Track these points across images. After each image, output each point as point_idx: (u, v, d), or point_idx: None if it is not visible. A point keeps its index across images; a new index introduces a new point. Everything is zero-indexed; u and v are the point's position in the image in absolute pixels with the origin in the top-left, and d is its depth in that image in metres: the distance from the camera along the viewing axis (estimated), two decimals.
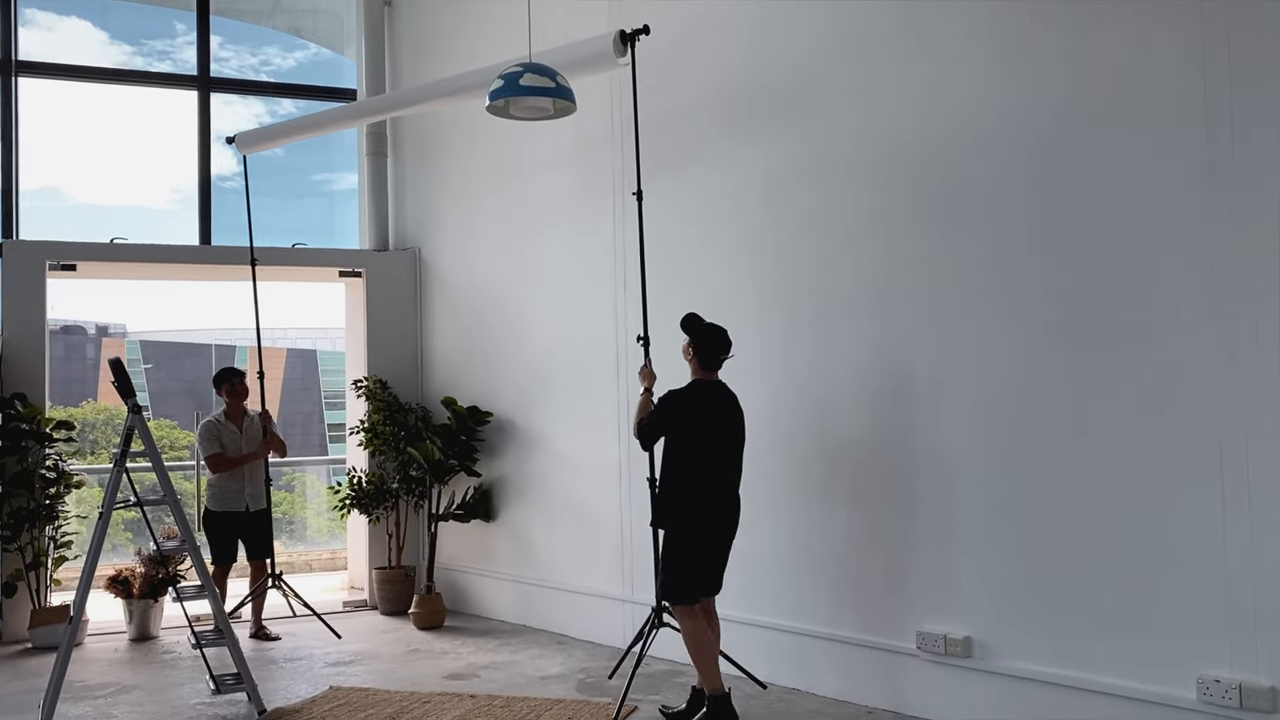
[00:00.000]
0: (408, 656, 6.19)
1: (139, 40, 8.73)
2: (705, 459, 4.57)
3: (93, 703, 5.31)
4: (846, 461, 5.00)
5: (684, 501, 4.57)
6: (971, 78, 4.52)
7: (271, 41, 9.63)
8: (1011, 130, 4.38)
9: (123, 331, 35.74)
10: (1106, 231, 4.07)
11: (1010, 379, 4.38)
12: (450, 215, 7.78)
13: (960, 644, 4.50)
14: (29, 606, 6.68)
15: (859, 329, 4.95)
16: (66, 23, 8.86)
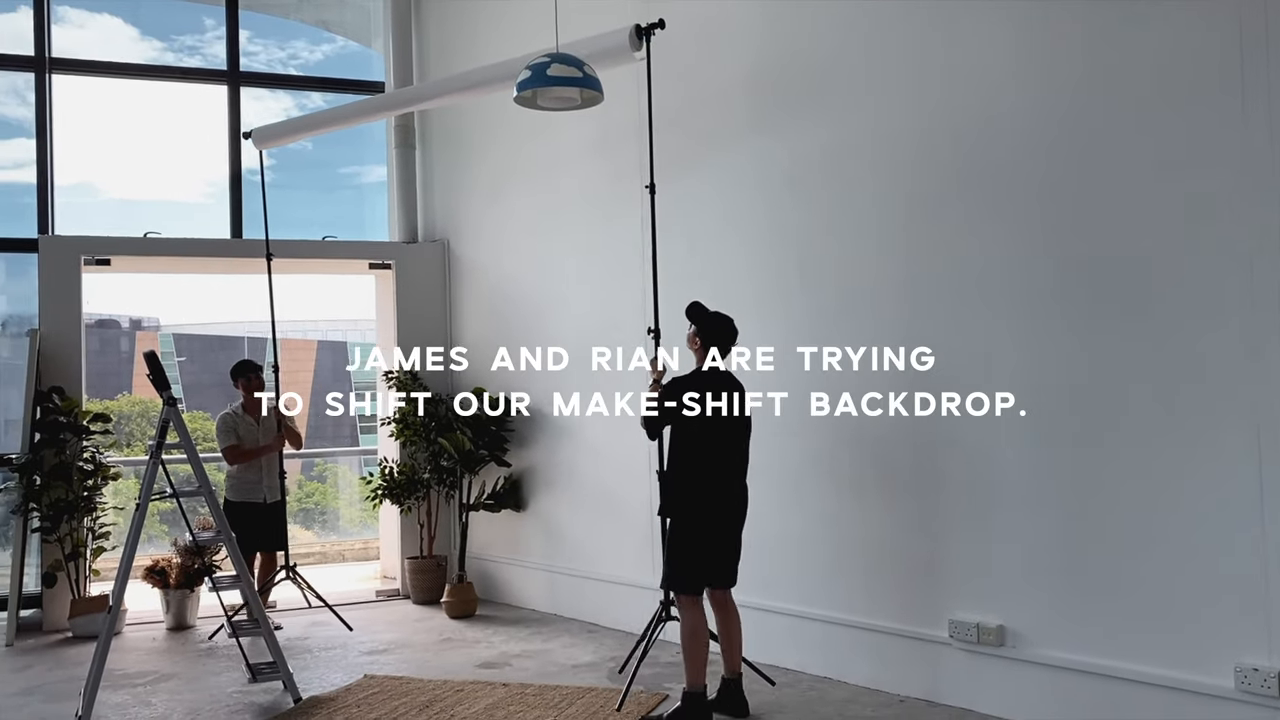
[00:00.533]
0: (440, 645, 6.23)
1: (169, 36, 8.81)
2: (710, 447, 4.55)
3: (132, 691, 5.39)
4: (877, 450, 4.98)
5: (689, 490, 4.56)
6: (997, 61, 4.47)
7: (300, 35, 9.68)
8: (1037, 116, 4.32)
9: (156, 325, 36.17)
10: (1137, 217, 4.02)
11: (1043, 367, 4.33)
12: (479, 207, 7.81)
13: (993, 632, 4.48)
14: (69, 596, 6.79)
15: (889, 317, 4.92)
16: (98, 20, 8.95)
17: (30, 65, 7.74)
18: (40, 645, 6.55)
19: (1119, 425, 4.09)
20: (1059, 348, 4.27)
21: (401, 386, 7.56)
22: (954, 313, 4.65)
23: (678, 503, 4.60)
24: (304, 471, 14.54)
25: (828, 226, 5.22)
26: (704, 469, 4.55)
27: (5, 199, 7.93)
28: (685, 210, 5.94)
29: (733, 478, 4.63)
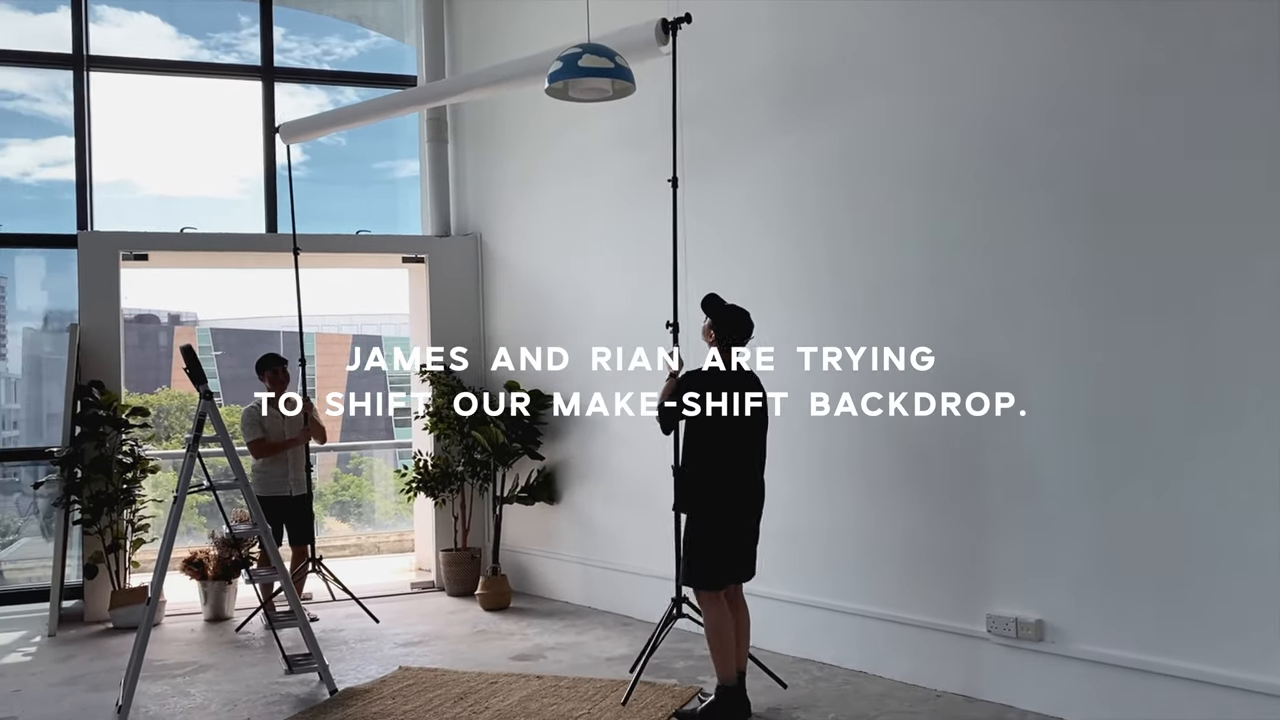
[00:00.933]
0: (475, 637, 6.25)
1: (205, 34, 8.88)
2: (725, 442, 4.50)
3: (171, 681, 5.45)
4: (915, 445, 4.92)
5: (705, 485, 4.52)
6: (1037, 51, 4.39)
7: (334, 31, 9.72)
8: (1078, 104, 4.25)
9: (194, 319, 36.57)
10: (1184, 210, 3.94)
11: (1085, 360, 4.26)
12: (511, 200, 7.80)
13: (1032, 627, 4.42)
14: (109, 588, 6.88)
15: (925, 309, 4.86)
16: (136, 18, 9.04)
17: (68, 63, 7.83)
18: (82, 635, 6.64)
19: (1165, 420, 4.01)
20: (1103, 342, 4.20)
21: (435, 380, 7.58)
22: (995, 306, 4.58)
23: (694, 498, 4.55)
24: (339, 464, 14.67)
25: (865, 219, 5.16)
26: (720, 464, 4.50)
27: (47, 196, 8.03)
28: (715, 204, 5.90)
29: (749, 473, 4.58)
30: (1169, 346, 3.97)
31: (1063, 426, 4.33)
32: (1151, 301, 4.03)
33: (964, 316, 4.70)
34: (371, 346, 35.13)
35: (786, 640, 5.50)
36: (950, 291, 4.76)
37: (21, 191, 8.26)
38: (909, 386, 4.92)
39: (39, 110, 8.09)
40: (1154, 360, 4.03)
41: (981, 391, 4.62)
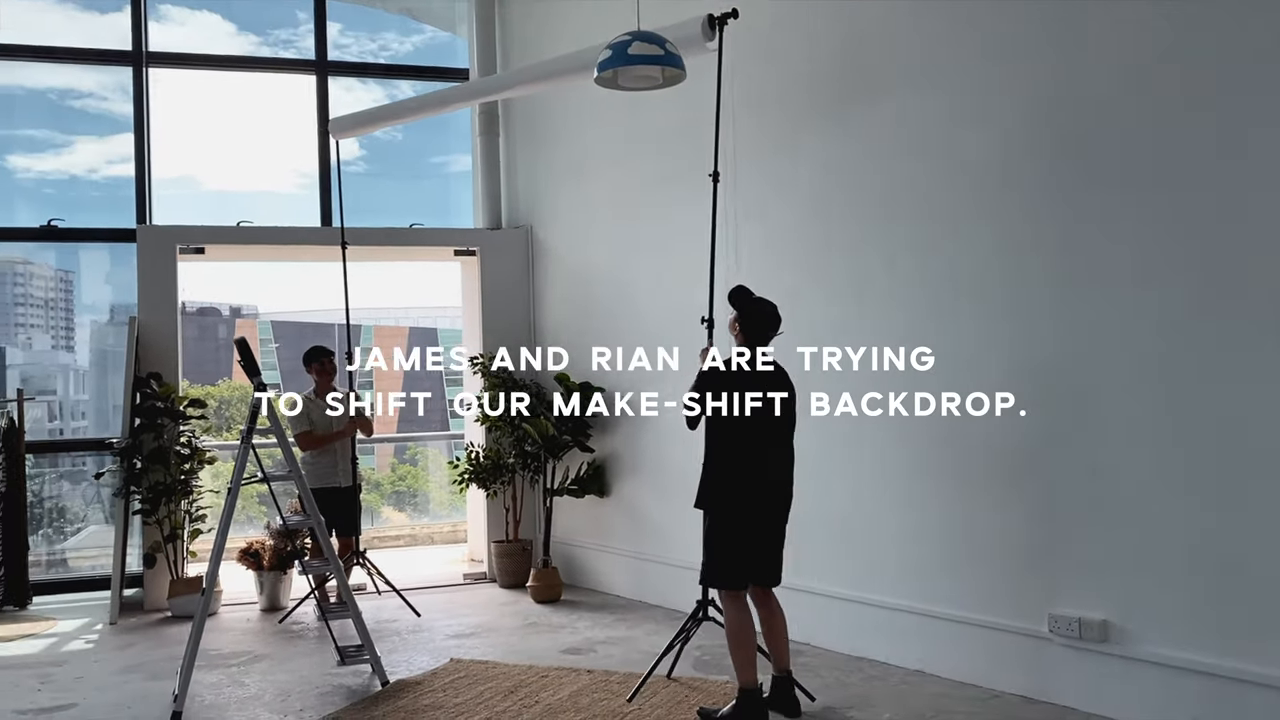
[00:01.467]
0: (525, 630, 6.24)
1: (265, 30, 8.99)
2: (745, 439, 4.37)
3: (226, 670, 5.50)
4: (973, 437, 4.79)
5: (725, 482, 4.40)
6: (1110, 36, 4.24)
7: (389, 27, 9.80)
8: (1153, 93, 4.09)
9: (255, 313, 37.21)
10: (1269, 201, 3.77)
11: (1160, 356, 4.11)
12: (562, 193, 7.77)
13: (1096, 627, 4.28)
14: (167, 577, 6.98)
15: (988, 304, 4.72)
16: (198, 16, 9.19)
17: (127, 60, 7.94)
18: (142, 624, 6.75)
19: (1236, 415, 3.85)
20: (1180, 336, 4.04)
21: (486, 372, 7.58)
22: (1063, 299, 4.44)
23: (713, 496, 4.44)
24: (397, 455, 14.83)
25: (928, 212, 5.03)
26: (739, 462, 4.37)
27: (112, 192, 8.14)
28: (765, 199, 5.81)
29: (772, 471, 4.44)
30: (1250, 345, 3.81)
31: (1133, 422, 4.18)
32: (1232, 299, 3.87)
33: (1029, 309, 4.56)
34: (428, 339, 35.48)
35: (840, 638, 5.41)
36: (1016, 284, 4.62)
37: (89, 188, 8.44)
38: (972, 382, 4.78)
39: (106, 108, 8.26)
40: (1233, 358, 3.86)
41: (1048, 387, 4.48)
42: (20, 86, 8.41)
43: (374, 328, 36.19)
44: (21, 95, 8.41)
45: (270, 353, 33.04)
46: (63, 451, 8.87)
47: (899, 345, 5.09)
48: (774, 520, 4.48)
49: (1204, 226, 3.93)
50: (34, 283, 11.01)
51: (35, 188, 8.44)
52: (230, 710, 4.83)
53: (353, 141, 8.61)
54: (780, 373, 4.51)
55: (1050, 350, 4.47)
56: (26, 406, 7.46)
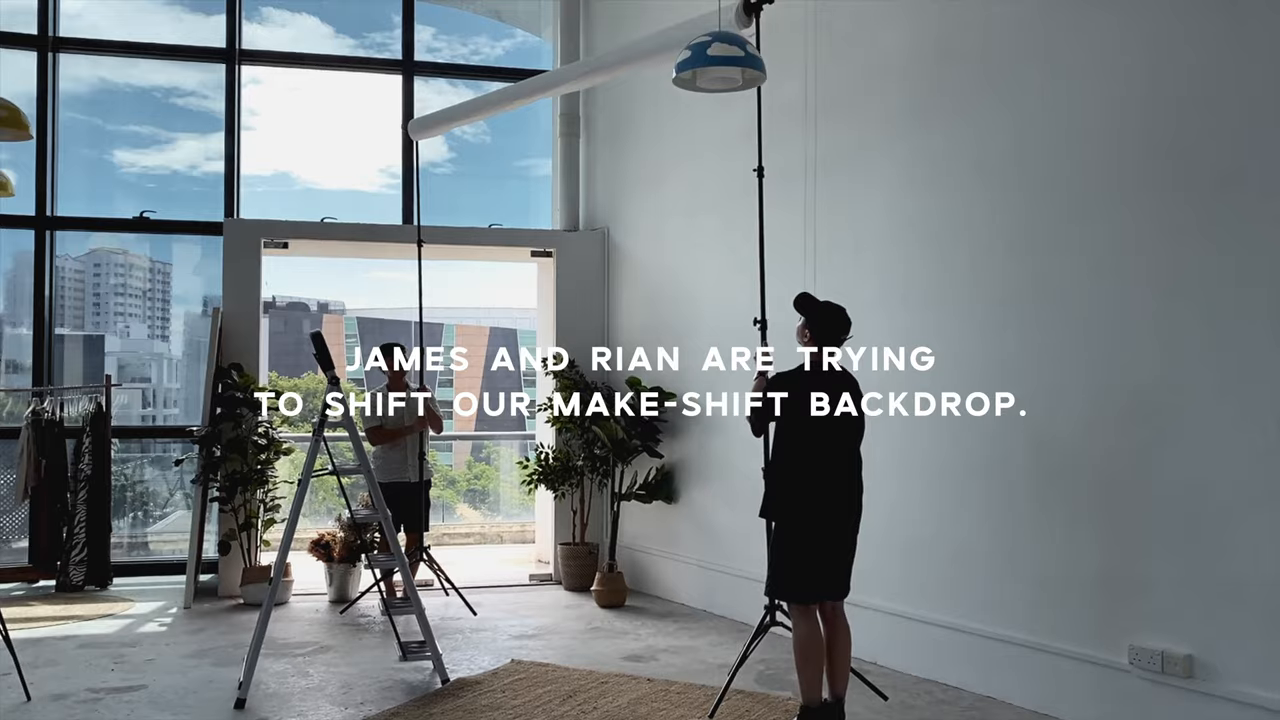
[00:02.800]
0: (588, 634, 6.20)
1: (360, 33, 9.15)
2: (815, 447, 4.26)
3: (292, 660, 5.57)
4: (1055, 456, 4.61)
5: (794, 492, 4.27)
6: (1209, 32, 4.03)
7: (480, 31, 9.88)
8: (1256, 97, 3.88)
9: (342, 308, 37.98)
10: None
11: (1257, 375, 3.89)
12: (639, 195, 7.73)
13: (1181, 662, 4.06)
14: (241, 565, 7.11)
15: (1079, 320, 4.52)
16: (298, 19, 9.41)
17: (221, 57, 8.13)
18: (215, 610, 6.89)
19: None
20: (1270, 356, 3.83)
21: (559, 374, 7.57)
22: (1155, 319, 4.24)
23: (783, 505, 4.33)
24: (473, 453, 14.97)
25: (1011, 220, 4.86)
26: (810, 470, 4.26)
27: (212, 188, 8.30)
28: (845, 200, 5.69)
29: (842, 480, 4.31)
30: None
31: (1225, 444, 3.97)
32: None
33: (1119, 325, 4.36)
34: (509, 340, 35.80)
35: (908, 658, 5.26)
36: (1107, 300, 4.43)
37: (188, 183, 8.67)
38: (1059, 400, 4.61)
39: (207, 106, 8.47)
40: None
41: (1136, 407, 4.28)
42: (129, 85, 8.71)
43: (455, 327, 36.64)
44: (129, 93, 8.71)
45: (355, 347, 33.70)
46: (148, 437, 9.13)
47: (984, 353, 4.93)
48: (845, 531, 4.35)
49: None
50: (133, 273, 11.35)
51: (138, 182, 8.72)
52: (293, 700, 4.88)
53: (441, 143, 8.71)
54: (848, 377, 4.41)
55: (1140, 366, 4.27)
56: (120, 393, 7.67)
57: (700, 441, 6.89)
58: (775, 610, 4.80)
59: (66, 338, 8.48)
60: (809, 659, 4.25)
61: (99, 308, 9.87)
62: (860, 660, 5.41)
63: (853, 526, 4.38)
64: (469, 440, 15.75)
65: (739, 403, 6.48)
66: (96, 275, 9.66)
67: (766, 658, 5.53)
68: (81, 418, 7.56)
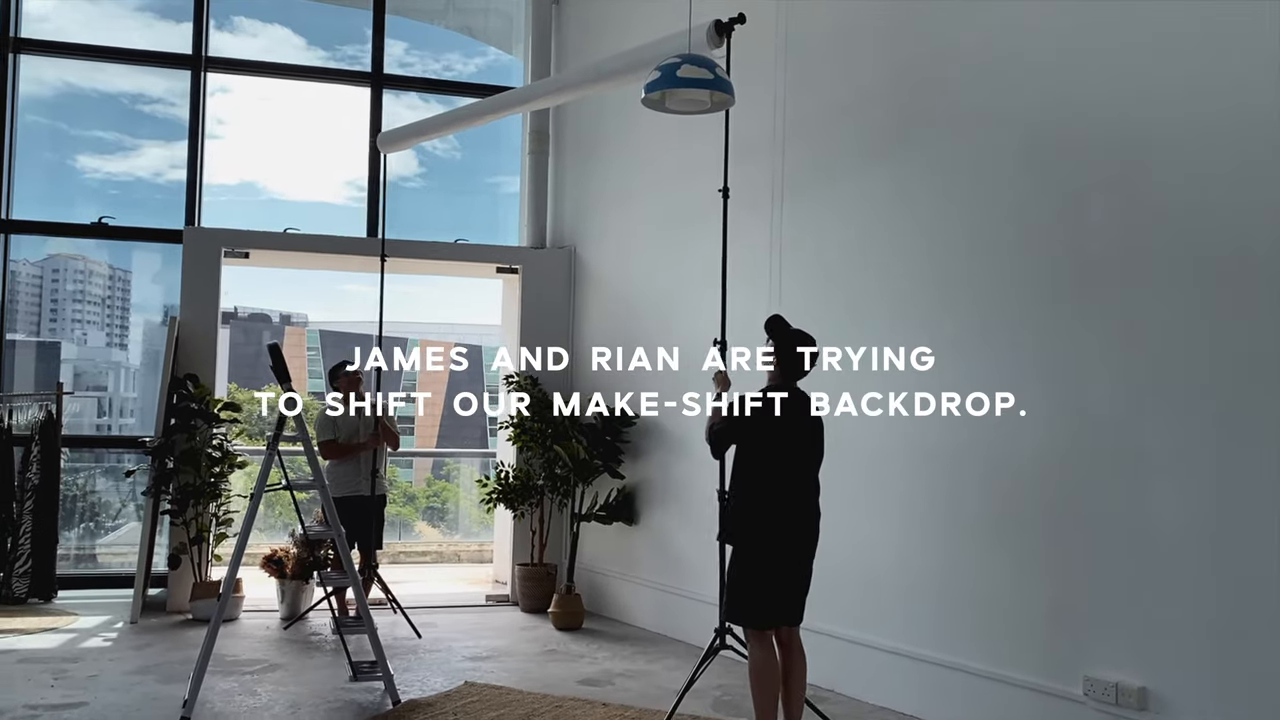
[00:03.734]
0: (544, 656, 6.12)
1: (333, 45, 9.07)
2: (777, 472, 4.26)
3: (240, 678, 5.45)
4: (1015, 489, 4.61)
5: (755, 516, 4.26)
6: (1185, 52, 4.09)
7: (453, 48, 9.85)
8: (1232, 116, 3.93)
9: (305, 321, 37.65)
10: None
11: (1208, 416, 3.92)
12: (606, 215, 7.72)
13: (1135, 694, 4.07)
14: (191, 579, 6.96)
15: (1032, 346, 4.56)
16: (270, 29, 9.33)
17: (187, 63, 8.04)
18: (162, 625, 6.73)
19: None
20: (1229, 397, 3.86)
21: (521, 388, 7.51)
22: (1109, 345, 4.27)
23: (743, 530, 4.30)
24: (434, 470, 14.86)
25: (972, 246, 4.89)
26: (772, 495, 4.25)
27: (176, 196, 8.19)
28: (811, 225, 5.70)
29: (802, 506, 4.30)
30: None
31: (1181, 480, 3.99)
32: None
33: (1073, 353, 4.39)
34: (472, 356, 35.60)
35: (867, 686, 5.23)
36: (1060, 327, 4.45)
37: (152, 190, 8.57)
38: (1012, 426, 4.62)
39: (173, 114, 8.37)
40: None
41: (1091, 439, 4.30)
42: (95, 90, 8.59)
43: (420, 341, 36.44)
44: (95, 98, 8.59)
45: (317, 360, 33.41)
46: (100, 447, 8.94)
47: (943, 382, 4.94)
48: (802, 557, 4.34)
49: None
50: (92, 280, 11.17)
51: (100, 188, 8.61)
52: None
53: (411, 157, 8.66)
54: (808, 402, 4.41)
55: (1096, 399, 4.29)
56: (73, 401, 7.52)
57: (662, 463, 6.85)
58: (725, 634, 4.74)
59: (20, 344, 8.30)
60: (764, 686, 4.23)
61: (56, 314, 9.70)
62: (818, 687, 5.38)
63: (810, 553, 4.36)
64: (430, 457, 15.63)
65: (702, 425, 6.46)
66: (55, 281, 9.50)
67: (723, 683, 5.49)
68: (30, 425, 7.40)
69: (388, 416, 6.79)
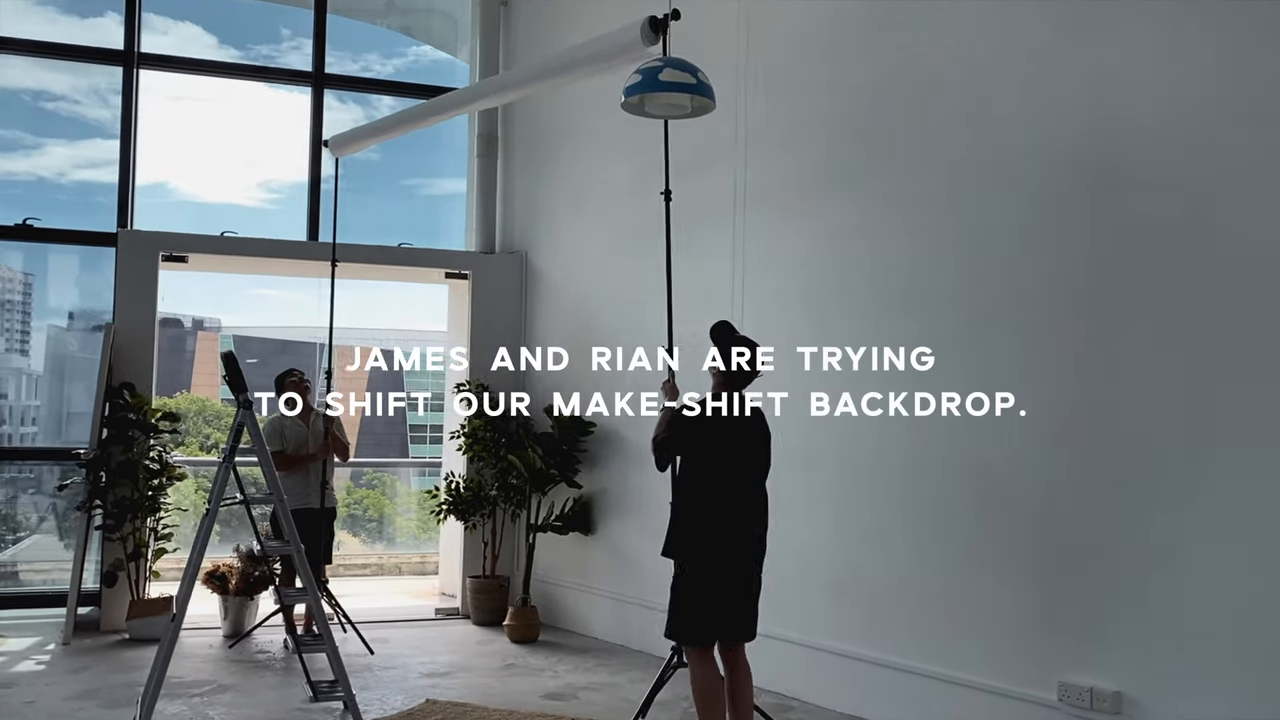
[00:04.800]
0: (503, 671, 5.99)
1: (245, 45, 8.76)
2: (721, 483, 4.14)
3: (189, 701, 5.22)
4: (987, 495, 4.66)
5: (698, 530, 4.14)
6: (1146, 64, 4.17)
7: (374, 48, 9.62)
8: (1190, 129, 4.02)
9: (218, 326, 36.61)
10: None
11: (1177, 423, 4.00)
12: (558, 220, 7.62)
13: (1109, 698, 4.13)
14: (128, 597, 6.65)
15: (1007, 352, 4.61)
16: (180, 26, 8.99)
17: (119, 59, 7.71)
18: (98, 645, 6.42)
19: (1264, 482, 3.74)
20: (1199, 399, 3.94)
21: (474, 396, 7.35)
22: (1080, 351, 4.34)
23: (688, 544, 4.18)
24: (353, 479, 14.52)
25: (941, 255, 4.93)
26: (717, 509, 4.12)
27: (81, 197, 7.99)
28: (778, 237, 5.70)
29: (749, 519, 4.18)
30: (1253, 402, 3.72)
31: (1154, 482, 4.07)
32: (1257, 353, 3.78)
33: (1049, 359, 4.45)
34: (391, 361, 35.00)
35: (834, 695, 5.23)
36: (1035, 333, 4.51)
37: (56, 191, 8.20)
38: (984, 431, 4.66)
39: (78, 112, 8.04)
40: (1260, 424, 3.77)
41: (1065, 444, 4.36)
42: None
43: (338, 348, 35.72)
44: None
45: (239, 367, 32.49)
46: (13, 460, 8.47)
47: (912, 386, 4.96)
48: (748, 573, 4.21)
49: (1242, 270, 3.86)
50: None
51: (2, 188, 8.18)
52: None
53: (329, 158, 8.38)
54: (758, 415, 4.30)
55: (1069, 402, 4.36)
56: None
57: (619, 472, 6.77)
58: (680, 652, 4.67)
59: None
60: (710, 704, 4.12)
61: None
62: (783, 696, 5.38)
63: (758, 568, 4.25)
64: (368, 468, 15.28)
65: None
66: None
67: (689, 695, 5.42)
68: None
69: (337, 425, 6.62)
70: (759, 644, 5.31)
